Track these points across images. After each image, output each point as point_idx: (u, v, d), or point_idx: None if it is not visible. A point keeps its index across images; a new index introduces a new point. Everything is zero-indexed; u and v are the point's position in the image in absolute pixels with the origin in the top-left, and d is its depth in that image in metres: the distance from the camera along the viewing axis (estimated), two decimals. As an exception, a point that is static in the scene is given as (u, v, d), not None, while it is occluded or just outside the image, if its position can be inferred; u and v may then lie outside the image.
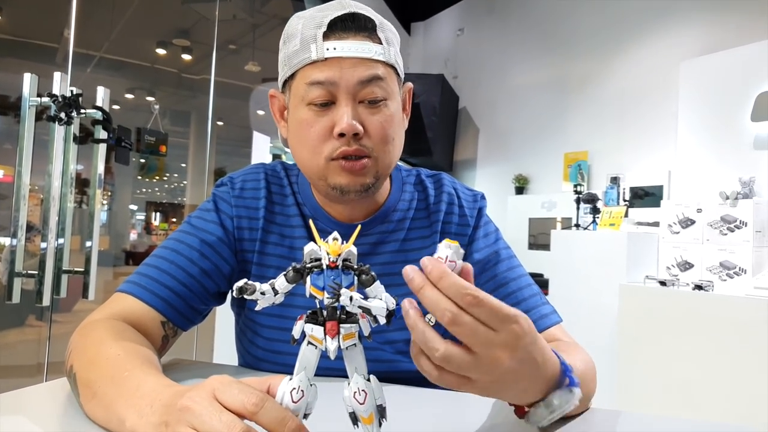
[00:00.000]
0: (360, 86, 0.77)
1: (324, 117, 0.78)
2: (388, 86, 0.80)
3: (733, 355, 2.54)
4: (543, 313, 0.85)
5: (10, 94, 2.85)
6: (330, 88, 0.77)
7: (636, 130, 4.22)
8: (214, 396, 0.48)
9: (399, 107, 0.84)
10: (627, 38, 4.37)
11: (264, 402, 0.46)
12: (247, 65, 5.61)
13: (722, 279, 2.91)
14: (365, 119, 0.78)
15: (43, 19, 3.33)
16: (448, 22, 6.47)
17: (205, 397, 0.48)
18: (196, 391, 0.49)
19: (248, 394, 0.47)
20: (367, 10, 0.80)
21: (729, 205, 2.92)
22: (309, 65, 0.78)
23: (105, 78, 4.31)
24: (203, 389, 0.49)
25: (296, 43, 0.79)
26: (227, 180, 0.94)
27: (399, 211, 0.93)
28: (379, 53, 0.78)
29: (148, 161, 3.59)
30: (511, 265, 0.91)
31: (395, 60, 0.82)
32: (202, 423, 0.46)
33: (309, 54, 0.77)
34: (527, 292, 0.87)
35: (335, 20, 0.77)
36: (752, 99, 3.19)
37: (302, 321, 0.48)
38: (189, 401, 0.48)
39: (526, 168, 5.20)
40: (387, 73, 0.80)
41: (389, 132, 0.80)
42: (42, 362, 2.14)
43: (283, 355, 0.88)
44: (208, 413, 0.47)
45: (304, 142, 0.80)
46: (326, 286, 0.46)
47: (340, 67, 0.76)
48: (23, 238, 1.73)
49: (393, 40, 0.82)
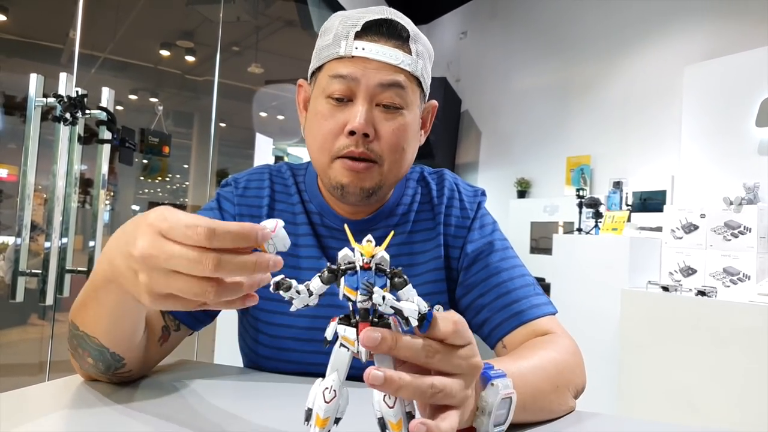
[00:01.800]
0: (379, 89, 0.78)
1: (340, 113, 0.79)
2: (407, 96, 0.80)
3: (736, 361, 2.53)
4: (534, 303, 0.85)
5: (16, 94, 2.86)
6: (350, 84, 0.78)
7: (639, 134, 4.22)
8: (162, 235, 0.48)
9: (416, 120, 0.84)
10: (630, 43, 4.37)
11: (214, 229, 0.46)
12: (250, 67, 5.62)
13: (726, 285, 2.90)
14: (378, 123, 0.79)
15: (49, 20, 3.34)
16: (451, 26, 6.48)
17: (157, 240, 0.48)
18: (144, 237, 0.49)
19: (195, 227, 0.46)
20: (406, 21, 0.82)
21: (733, 211, 2.91)
22: (336, 60, 0.79)
23: (109, 79, 4.32)
24: (150, 232, 0.49)
25: (329, 38, 0.81)
26: (231, 180, 0.96)
27: (403, 205, 0.94)
28: (406, 63, 0.79)
29: (151, 162, 3.60)
30: (505, 255, 0.91)
31: (421, 73, 0.82)
32: (174, 265, 0.47)
33: (338, 49, 0.79)
34: (519, 282, 0.87)
35: (370, 23, 0.79)
36: (757, 104, 3.19)
37: (335, 322, 0.48)
38: (145, 250, 0.48)
39: (529, 172, 5.20)
40: (409, 83, 0.80)
41: (400, 140, 0.81)
42: (44, 361, 2.14)
43: (288, 352, 0.88)
44: (171, 254, 0.47)
45: (316, 134, 0.82)
46: (359, 285, 0.46)
47: (364, 66, 0.78)
48: (27, 237, 1.74)
49: (424, 54, 0.84)
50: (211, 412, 0.66)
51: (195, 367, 0.88)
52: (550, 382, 0.69)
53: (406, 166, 0.85)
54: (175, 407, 0.67)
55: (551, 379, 0.69)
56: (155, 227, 0.48)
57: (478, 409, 0.55)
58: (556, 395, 0.69)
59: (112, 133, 1.88)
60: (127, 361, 0.71)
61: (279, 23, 5.51)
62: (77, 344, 0.69)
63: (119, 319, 0.65)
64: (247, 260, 0.47)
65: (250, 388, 0.79)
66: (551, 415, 0.69)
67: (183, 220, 0.47)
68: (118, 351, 0.68)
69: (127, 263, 0.51)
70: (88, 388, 0.73)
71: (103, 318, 0.64)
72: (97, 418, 0.62)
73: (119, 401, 0.68)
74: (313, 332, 0.87)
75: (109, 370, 0.71)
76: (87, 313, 0.66)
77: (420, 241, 0.92)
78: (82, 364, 0.72)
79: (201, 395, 0.73)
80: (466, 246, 0.91)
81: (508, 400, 0.56)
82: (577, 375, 0.76)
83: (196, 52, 5.06)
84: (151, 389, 0.74)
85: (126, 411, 0.65)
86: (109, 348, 0.67)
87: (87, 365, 0.71)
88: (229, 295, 0.49)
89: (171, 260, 0.47)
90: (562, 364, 0.73)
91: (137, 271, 0.50)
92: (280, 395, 0.76)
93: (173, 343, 0.84)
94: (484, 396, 0.55)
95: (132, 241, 0.49)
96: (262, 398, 0.74)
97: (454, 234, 0.93)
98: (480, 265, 0.90)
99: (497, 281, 0.87)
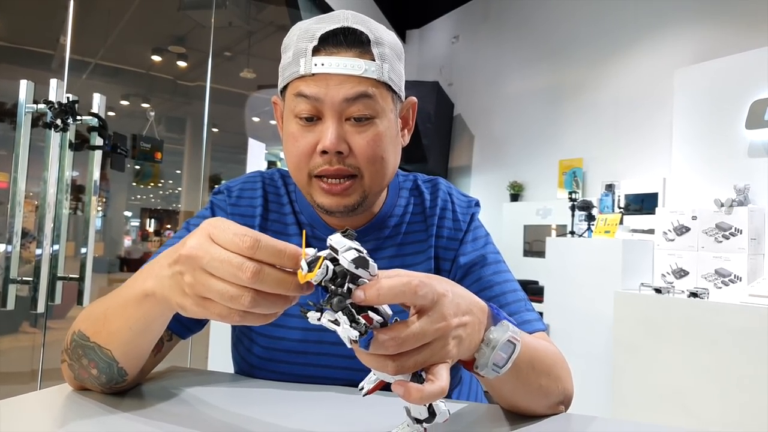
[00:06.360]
0: (346, 104, 0.76)
1: (310, 132, 0.78)
2: (377, 104, 0.77)
3: (729, 362, 2.54)
4: (525, 319, 0.85)
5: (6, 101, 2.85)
6: (315, 104, 0.76)
7: (631, 137, 4.24)
8: (212, 240, 0.50)
9: (391, 125, 0.81)
10: (621, 46, 4.40)
11: (259, 240, 0.48)
12: (242, 72, 5.61)
13: (717, 286, 2.92)
14: (351, 138, 0.77)
15: (40, 25, 3.32)
16: (443, 30, 6.49)
17: (205, 241, 0.51)
18: (194, 238, 0.52)
19: (242, 236, 0.49)
20: (365, 25, 0.78)
21: (724, 213, 2.93)
22: (297, 79, 0.77)
23: (100, 84, 4.30)
24: (200, 235, 0.52)
25: (290, 55, 0.78)
26: (224, 188, 0.95)
27: (395, 216, 0.93)
28: (369, 71, 0.76)
29: (143, 167, 3.58)
30: (497, 269, 0.90)
31: (388, 77, 0.79)
32: (215, 268, 0.49)
33: (298, 68, 0.76)
34: (511, 297, 0.87)
35: (327, 34, 0.76)
36: (747, 106, 3.21)
37: None
38: (192, 250, 0.51)
39: (521, 175, 5.21)
40: (377, 90, 0.77)
41: (376, 151, 0.78)
42: (36, 369, 2.13)
43: (279, 363, 0.88)
44: (213, 255, 0.49)
45: (291, 155, 0.80)
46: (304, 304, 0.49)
47: (326, 83, 0.75)
48: (18, 244, 1.72)
49: (390, 55, 0.79)
50: (206, 419, 0.66)
51: (188, 374, 0.88)
52: (546, 365, 0.70)
53: (389, 174, 0.83)
54: (170, 414, 0.67)
55: (547, 363, 0.71)
56: (206, 231, 0.51)
57: (483, 341, 0.57)
58: (548, 380, 0.70)
59: (104, 139, 1.87)
60: (128, 376, 0.71)
61: (271, 28, 5.50)
62: (82, 354, 0.69)
63: (140, 335, 0.65)
64: (285, 277, 0.49)
65: (245, 395, 0.79)
66: (539, 398, 0.70)
67: (232, 228, 0.50)
68: (125, 366, 0.69)
69: (173, 269, 0.53)
70: (81, 397, 0.72)
71: (125, 331, 0.64)
72: (90, 426, 0.62)
73: (113, 409, 0.67)
74: (306, 344, 0.87)
75: (110, 383, 0.71)
76: (107, 325, 0.66)
77: (411, 253, 0.91)
78: (80, 373, 0.71)
79: (195, 402, 0.72)
80: (459, 258, 0.91)
81: (511, 346, 0.58)
82: (567, 380, 0.76)
83: (188, 58, 5.05)
84: (146, 397, 0.74)
85: (120, 419, 0.64)
86: (118, 362, 0.68)
87: (87, 375, 0.71)
88: (264, 308, 0.50)
89: (213, 262, 0.49)
90: (558, 362, 0.75)
91: (183, 273, 0.52)
92: (277, 402, 0.76)
93: (165, 353, 0.85)
94: (492, 330, 0.58)
95: (182, 245, 0.53)
96: (256, 405, 0.74)
97: (446, 246, 0.92)
98: (472, 277, 0.89)
99: (489, 295, 0.87)
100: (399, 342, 0.48)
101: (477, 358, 0.57)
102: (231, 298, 0.49)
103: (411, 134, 0.91)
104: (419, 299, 0.50)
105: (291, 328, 0.87)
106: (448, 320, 0.52)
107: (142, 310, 0.61)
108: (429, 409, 0.50)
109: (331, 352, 0.87)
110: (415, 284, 0.49)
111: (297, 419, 0.67)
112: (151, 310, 0.60)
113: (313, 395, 0.79)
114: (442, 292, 0.52)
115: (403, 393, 0.48)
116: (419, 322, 0.50)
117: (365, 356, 0.50)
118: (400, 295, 0.48)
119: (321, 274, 0.46)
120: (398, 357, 0.49)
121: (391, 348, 0.48)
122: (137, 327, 0.63)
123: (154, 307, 0.60)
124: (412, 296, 0.49)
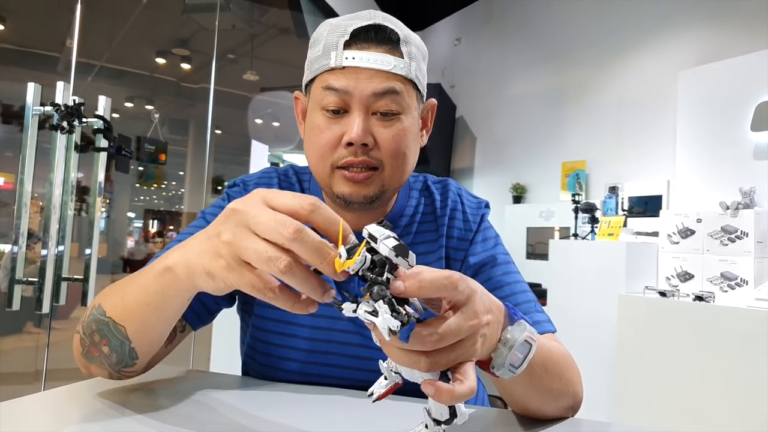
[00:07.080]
0: (374, 98, 0.77)
1: (336, 124, 0.79)
2: (403, 100, 0.79)
3: (734, 367, 2.53)
4: (536, 320, 0.84)
5: (13, 103, 2.86)
6: (344, 96, 0.77)
7: (634, 139, 4.23)
8: (265, 203, 0.50)
9: (415, 123, 0.83)
10: (625, 47, 4.39)
11: (318, 204, 0.49)
12: (245, 74, 5.63)
13: (723, 290, 2.90)
14: (376, 131, 0.78)
15: (46, 29, 3.34)
16: (445, 32, 6.50)
17: (257, 202, 0.51)
18: (245, 199, 0.52)
19: (302, 197, 0.50)
20: (395, 24, 0.80)
21: (729, 216, 2.92)
22: (327, 72, 0.78)
23: (106, 87, 4.32)
24: (253, 197, 0.52)
25: (319, 49, 0.80)
26: (240, 181, 0.96)
27: (406, 216, 0.94)
28: (398, 67, 0.78)
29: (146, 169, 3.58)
30: (507, 270, 0.91)
31: (416, 75, 0.81)
32: (257, 223, 0.49)
33: (328, 61, 0.78)
34: (521, 298, 0.87)
35: (359, 30, 0.77)
36: (752, 109, 3.20)
37: None
38: (238, 205, 0.51)
39: (524, 177, 5.21)
40: (404, 87, 0.79)
41: (400, 146, 0.80)
42: (40, 369, 2.13)
43: (288, 362, 0.88)
44: (260, 212, 0.49)
45: (314, 147, 0.81)
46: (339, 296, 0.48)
47: (356, 77, 0.76)
48: (24, 245, 1.73)
49: (417, 55, 0.82)
50: (214, 422, 0.66)
51: (196, 376, 0.88)
52: (559, 367, 0.70)
53: (408, 171, 0.84)
54: (178, 416, 0.66)
55: (560, 366, 0.71)
56: (262, 196, 0.51)
57: (501, 340, 0.56)
58: (560, 383, 0.70)
59: (109, 141, 1.87)
60: (139, 360, 0.70)
61: (274, 31, 5.52)
62: (96, 329, 0.69)
63: (156, 311, 0.65)
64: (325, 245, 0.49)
65: (256, 399, 0.78)
66: (550, 400, 0.70)
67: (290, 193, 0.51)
68: (138, 348, 0.68)
69: (213, 230, 0.53)
70: (86, 398, 0.72)
71: (142, 307, 0.64)
72: (95, 428, 0.62)
73: (119, 412, 0.67)
74: (314, 343, 0.87)
75: (119, 365, 0.70)
76: (125, 299, 0.66)
77: (422, 253, 0.92)
78: (90, 351, 0.70)
79: (203, 405, 0.72)
80: (469, 258, 0.91)
81: (528, 346, 0.57)
82: (577, 383, 0.76)
83: (192, 60, 5.07)
84: (152, 398, 0.74)
85: (126, 422, 0.64)
86: (131, 341, 0.67)
87: (97, 354, 0.70)
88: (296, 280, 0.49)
89: (259, 216, 0.49)
90: (570, 365, 0.75)
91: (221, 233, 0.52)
92: (288, 406, 0.76)
93: (175, 344, 0.84)
94: (510, 330, 0.57)
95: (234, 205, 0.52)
96: (267, 408, 0.74)
97: (456, 246, 0.93)
98: (482, 278, 0.89)
99: (499, 295, 0.86)
100: (438, 338, 0.47)
101: (494, 358, 0.56)
102: (268, 259, 0.48)
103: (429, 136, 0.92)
104: (458, 294, 0.49)
105: (300, 326, 0.87)
106: (480, 317, 0.51)
107: (159, 284, 0.60)
108: (450, 410, 0.49)
109: (340, 352, 0.87)
110: (456, 279, 0.48)
111: (308, 423, 0.66)
112: (170, 286, 0.60)
113: (324, 399, 0.79)
114: (474, 289, 0.51)
115: (433, 393, 0.47)
116: (455, 318, 0.48)
117: (397, 352, 0.48)
118: (442, 288, 0.47)
119: (360, 262, 0.44)
120: (433, 354, 0.47)
121: (429, 344, 0.46)
122: (154, 302, 0.63)
123: (173, 282, 0.59)
124: (453, 291, 0.48)
